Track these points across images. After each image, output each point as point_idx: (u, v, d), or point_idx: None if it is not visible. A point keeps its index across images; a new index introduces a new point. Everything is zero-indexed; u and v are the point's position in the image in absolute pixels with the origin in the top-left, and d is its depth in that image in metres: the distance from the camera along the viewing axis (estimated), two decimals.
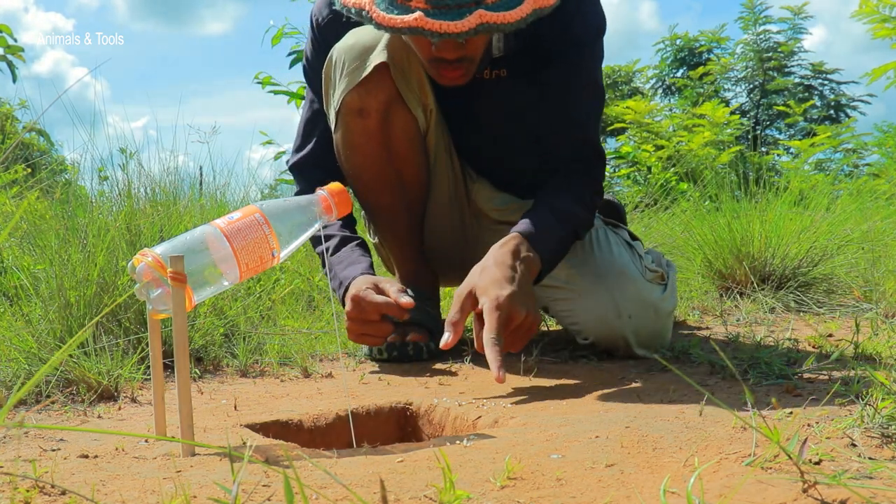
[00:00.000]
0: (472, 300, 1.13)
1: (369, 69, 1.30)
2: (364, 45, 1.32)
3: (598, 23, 1.33)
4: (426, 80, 1.36)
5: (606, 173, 1.72)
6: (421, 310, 1.45)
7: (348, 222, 1.50)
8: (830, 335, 1.54)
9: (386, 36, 1.31)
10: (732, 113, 6.59)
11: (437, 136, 1.45)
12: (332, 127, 1.39)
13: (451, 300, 2.10)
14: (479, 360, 1.42)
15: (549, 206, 1.30)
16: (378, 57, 1.30)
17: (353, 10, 1.12)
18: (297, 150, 1.51)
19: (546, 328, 1.75)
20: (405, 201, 1.45)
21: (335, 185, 0.92)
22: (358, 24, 1.29)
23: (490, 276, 1.13)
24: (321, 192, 0.90)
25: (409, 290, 1.33)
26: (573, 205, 1.31)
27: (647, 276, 1.38)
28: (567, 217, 1.29)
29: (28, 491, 0.65)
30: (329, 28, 1.40)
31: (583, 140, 1.37)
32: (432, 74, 1.28)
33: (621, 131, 7.19)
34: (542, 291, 1.38)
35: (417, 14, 1.06)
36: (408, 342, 1.42)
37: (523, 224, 1.25)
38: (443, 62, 1.21)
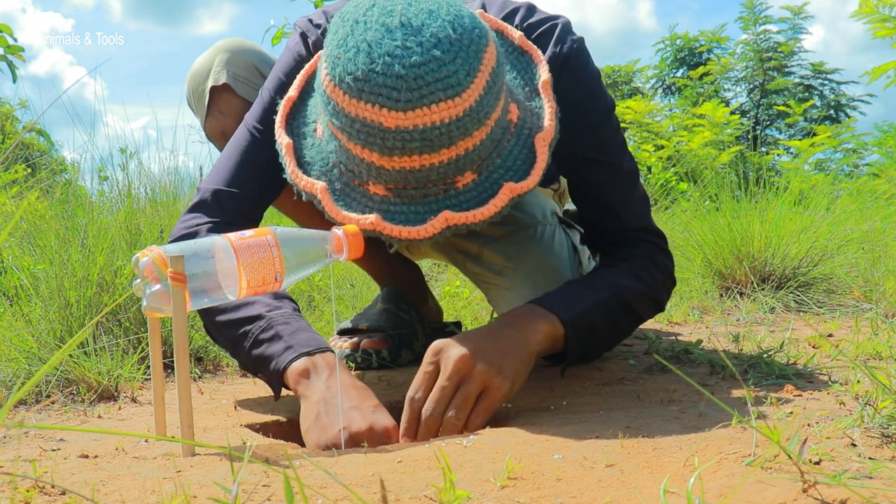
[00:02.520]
0: (435, 367, 0.92)
1: (207, 94, 1.30)
2: (200, 67, 1.33)
3: (608, 102, 1.16)
4: None
5: None
6: (385, 314, 1.44)
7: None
8: (830, 335, 1.54)
9: (219, 54, 1.31)
10: (732, 113, 6.59)
11: None
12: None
13: (450, 299, 2.12)
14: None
15: (582, 279, 1.15)
16: (212, 80, 1.30)
17: (304, 194, 0.98)
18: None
19: None
20: None
21: (351, 227, 0.88)
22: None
23: (460, 336, 0.94)
24: (336, 230, 0.88)
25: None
26: (616, 276, 1.12)
27: None
28: (603, 284, 1.09)
29: (28, 491, 0.65)
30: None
31: (623, 226, 1.17)
32: None
33: None
34: (475, 278, 1.33)
35: (375, 217, 0.92)
36: (358, 350, 1.39)
37: (540, 296, 1.06)
38: None
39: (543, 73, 1.01)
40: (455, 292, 2.15)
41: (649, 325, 1.84)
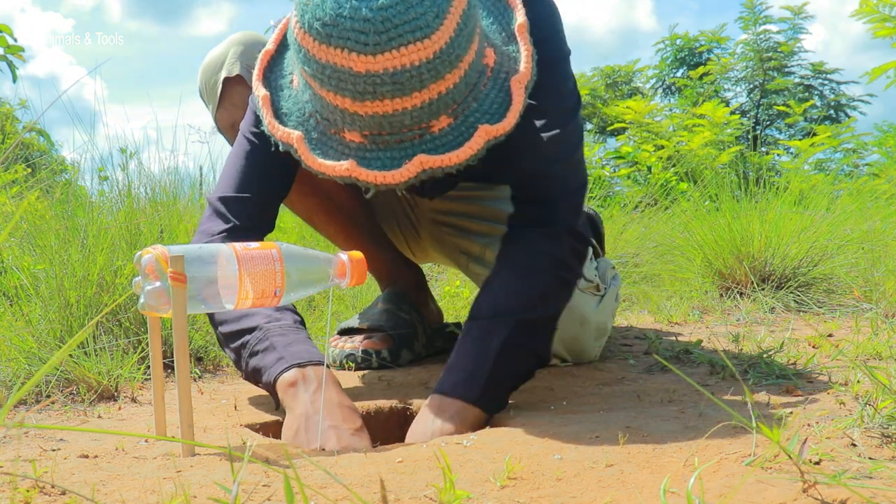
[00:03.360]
0: None
1: (220, 84, 1.29)
2: (214, 59, 1.32)
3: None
4: None
5: (607, 173, 1.59)
6: (385, 314, 1.44)
7: None
8: (830, 335, 1.54)
9: (233, 46, 1.30)
10: (732, 113, 6.59)
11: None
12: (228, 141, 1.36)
13: (450, 299, 2.11)
14: None
15: (478, 311, 1.04)
16: (229, 69, 1.29)
17: (281, 144, 0.98)
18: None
19: None
20: (334, 203, 1.42)
21: (355, 254, 0.89)
22: None
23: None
24: (341, 255, 0.89)
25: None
26: (519, 279, 1.05)
27: (580, 284, 1.27)
28: (499, 312, 1.02)
29: (28, 491, 0.65)
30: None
31: (548, 191, 1.10)
32: None
33: (621, 131, 7.20)
34: (477, 279, 1.33)
35: (349, 163, 0.92)
36: (359, 350, 1.39)
37: (443, 377, 0.98)
38: None
39: (519, 17, 1.01)
40: (455, 292, 2.15)
41: (649, 325, 1.84)
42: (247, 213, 1.11)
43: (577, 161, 1.13)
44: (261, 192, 1.12)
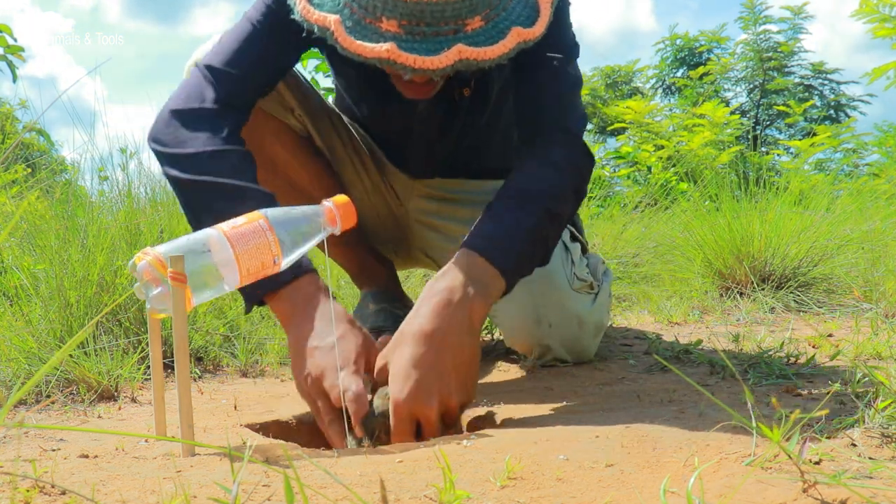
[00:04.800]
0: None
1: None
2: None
3: None
4: (284, 86, 1.31)
5: (606, 173, 1.63)
6: (382, 313, 1.44)
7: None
8: (830, 335, 1.54)
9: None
10: (732, 113, 6.59)
11: (330, 138, 1.41)
12: None
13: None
14: (480, 360, 1.42)
15: (511, 190, 1.09)
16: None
17: (316, 28, 0.98)
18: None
19: None
20: (298, 190, 1.40)
21: (341, 198, 0.90)
22: None
23: (400, 359, 0.92)
24: (327, 203, 0.89)
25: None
26: (542, 172, 1.11)
27: (574, 284, 1.29)
28: (534, 196, 1.08)
29: (28, 491, 0.65)
30: None
31: (554, 109, 1.17)
32: (396, 86, 1.16)
33: (621, 131, 7.20)
34: None
35: (390, 45, 0.94)
36: None
37: (473, 233, 1.04)
38: (410, 81, 1.12)
39: None
40: None
41: (649, 325, 1.84)
42: (233, 91, 1.13)
43: (578, 95, 1.21)
44: (255, 72, 1.16)
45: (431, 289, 0.97)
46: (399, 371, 0.91)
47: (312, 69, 3.03)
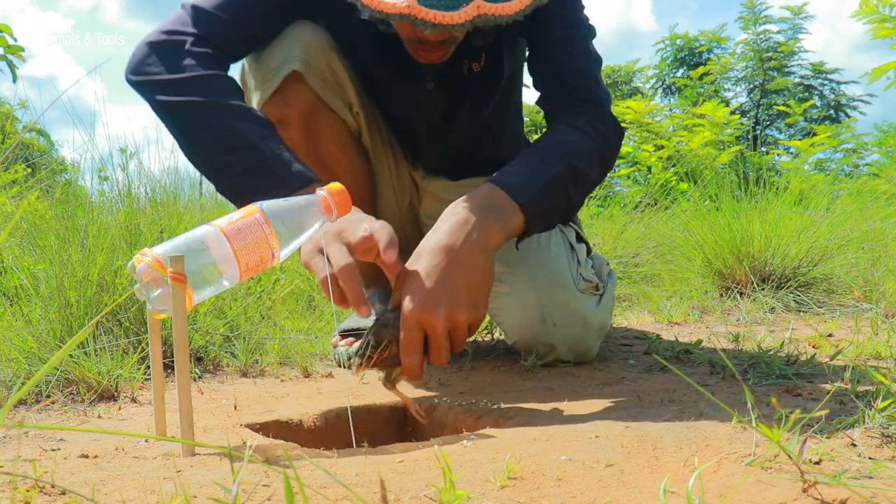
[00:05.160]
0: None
1: (280, 79, 1.24)
2: (272, 52, 1.27)
3: None
4: (349, 80, 1.31)
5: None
6: (388, 313, 1.44)
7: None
8: (830, 335, 1.54)
9: (300, 40, 1.26)
10: (732, 113, 6.59)
11: (373, 132, 1.41)
12: None
13: None
14: (479, 359, 1.42)
15: (535, 147, 1.16)
16: (289, 65, 1.24)
17: None
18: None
19: None
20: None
21: (335, 186, 0.91)
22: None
23: (419, 269, 0.96)
24: (321, 192, 0.90)
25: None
26: (567, 134, 1.17)
27: (580, 284, 1.30)
28: (557, 151, 1.14)
29: (28, 491, 0.65)
30: None
31: (579, 83, 1.24)
32: (411, 52, 1.20)
33: None
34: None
35: (409, 1, 0.96)
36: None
37: (497, 174, 1.09)
38: (425, 43, 1.14)
39: None
40: None
41: (649, 325, 1.85)
42: (218, 33, 1.15)
43: (600, 72, 1.28)
44: (242, 21, 1.18)
45: (451, 209, 1.02)
46: (411, 282, 0.95)
47: None
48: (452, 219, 1.00)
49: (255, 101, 1.28)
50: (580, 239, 1.39)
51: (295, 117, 1.27)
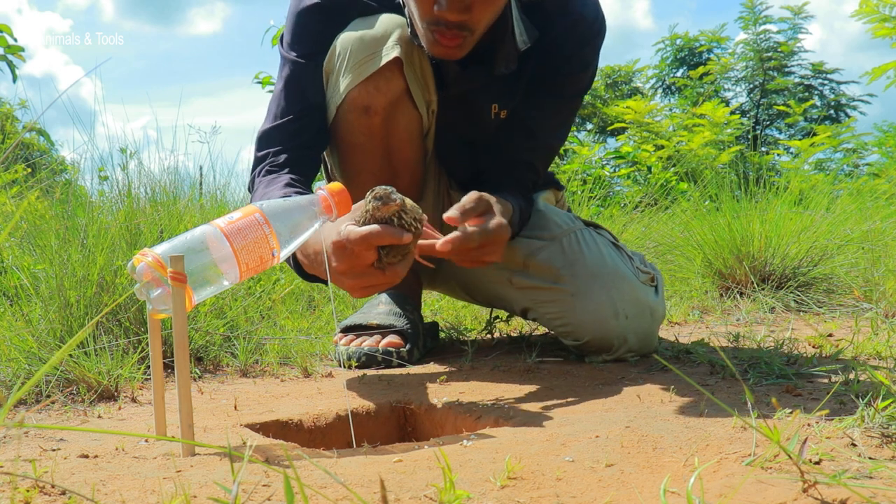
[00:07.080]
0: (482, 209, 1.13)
1: (382, 63, 1.23)
2: (374, 36, 1.25)
3: (600, 20, 1.34)
4: (432, 79, 1.32)
5: (607, 173, 1.73)
6: (393, 314, 1.44)
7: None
8: (830, 335, 1.54)
9: (398, 28, 1.25)
10: (732, 113, 6.59)
11: (431, 132, 1.41)
12: (330, 120, 1.32)
13: (450, 299, 2.11)
14: (480, 359, 1.42)
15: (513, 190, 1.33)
16: (392, 51, 1.23)
17: None
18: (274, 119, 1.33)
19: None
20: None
21: (335, 185, 0.91)
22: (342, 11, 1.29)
23: (502, 212, 1.15)
24: (321, 191, 0.90)
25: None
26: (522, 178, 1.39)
27: (640, 277, 1.35)
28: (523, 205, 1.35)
29: (28, 491, 0.65)
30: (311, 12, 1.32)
31: (548, 150, 1.43)
32: (428, 42, 1.20)
33: (621, 131, 7.20)
34: (524, 294, 1.36)
35: None
36: (378, 348, 1.37)
37: (514, 202, 1.28)
38: (443, 26, 1.15)
39: None
40: None
41: None
42: (295, 139, 1.29)
43: (566, 134, 1.46)
44: (309, 111, 1.31)
45: (504, 225, 1.15)
46: (503, 223, 1.13)
47: None
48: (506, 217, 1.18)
49: (343, 83, 1.26)
50: (615, 239, 1.44)
51: (382, 105, 1.27)
